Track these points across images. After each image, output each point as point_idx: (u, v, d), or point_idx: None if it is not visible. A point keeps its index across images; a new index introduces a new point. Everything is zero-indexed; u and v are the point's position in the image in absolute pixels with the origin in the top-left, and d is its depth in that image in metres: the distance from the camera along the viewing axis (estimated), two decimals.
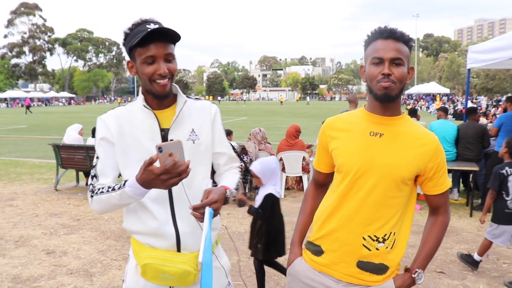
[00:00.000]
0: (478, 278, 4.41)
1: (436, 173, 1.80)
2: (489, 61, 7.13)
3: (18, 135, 20.78)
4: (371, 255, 1.77)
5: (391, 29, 1.72)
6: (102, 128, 1.83)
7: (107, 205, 1.74)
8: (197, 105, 1.92)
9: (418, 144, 1.76)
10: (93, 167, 1.84)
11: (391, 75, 1.68)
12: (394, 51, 1.69)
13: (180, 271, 1.75)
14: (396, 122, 1.79)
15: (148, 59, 1.71)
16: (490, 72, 57.43)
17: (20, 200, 7.56)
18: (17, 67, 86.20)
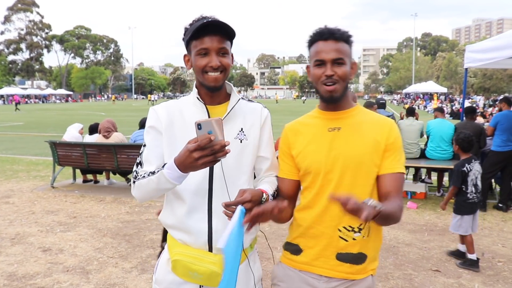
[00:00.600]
0: (474, 276, 4.43)
1: (388, 152, 1.81)
2: (486, 61, 7.14)
3: (15, 132, 20.73)
4: (348, 246, 1.80)
5: (330, 30, 1.78)
6: (153, 117, 1.86)
7: (146, 190, 1.74)
8: (249, 106, 1.94)
9: (374, 129, 1.83)
10: (140, 154, 1.86)
11: (334, 75, 1.75)
12: (335, 51, 1.75)
13: (209, 272, 1.75)
14: (350, 114, 1.87)
15: (202, 51, 1.75)
16: (487, 72, 57.53)
17: (17, 198, 7.55)
18: (14, 64, 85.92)
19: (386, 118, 1.88)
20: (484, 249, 5.21)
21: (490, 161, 7.02)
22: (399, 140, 1.84)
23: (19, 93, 73.54)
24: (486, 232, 5.86)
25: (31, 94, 77.68)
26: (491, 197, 7.59)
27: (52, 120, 28.69)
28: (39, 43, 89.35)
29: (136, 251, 5.04)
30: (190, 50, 1.82)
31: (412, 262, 4.78)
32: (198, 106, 1.84)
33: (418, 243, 5.37)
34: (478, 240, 5.50)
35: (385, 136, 1.80)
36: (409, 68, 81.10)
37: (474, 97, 46.23)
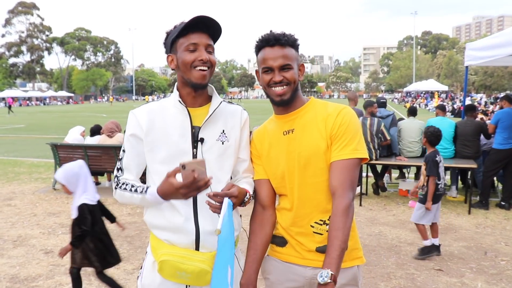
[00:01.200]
0: (477, 275, 4.42)
1: (334, 141, 1.82)
2: (487, 58, 7.13)
3: (16, 134, 20.77)
4: (324, 239, 1.83)
5: (276, 36, 1.82)
6: (133, 124, 1.88)
7: (129, 201, 1.85)
8: (230, 108, 1.96)
9: (321, 123, 1.85)
10: (119, 159, 1.91)
11: (283, 80, 1.80)
12: (282, 58, 1.81)
13: (198, 270, 1.77)
14: (301, 112, 1.90)
15: (190, 46, 1.78)
16: (488, 69, 57.45)
17: (18, 200, 7.55)
18: (15, 67, 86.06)
19: (334, 108, 1.87)
20: (487, 247, 5.19)
21: (492, 159, 7.01)
22: (346, 126, 1.81)
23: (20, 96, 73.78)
24: (488, 230, 5.84)
25: (32, 96, 77.84)
26: (494, 195, 7.58)
27: (54, 122, 28.73)
28: (40, 46, 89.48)
29: (138, 252, 5.04)
30: (175, 49, 1.83)
31: (414, 262, 4.77)
32: (179, 109, 1.85)
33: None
34: (480, 238, 5.49)
35: (329, 127, 1.82)
36: (410, 67, 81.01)
37: (475, 95, 46.17)
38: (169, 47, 1.86)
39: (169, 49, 1.86)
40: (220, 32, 1.85)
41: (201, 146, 1.84)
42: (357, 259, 1.91)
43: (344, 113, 1.83)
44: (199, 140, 1.83)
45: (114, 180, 1.90)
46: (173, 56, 1.85)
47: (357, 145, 1.81)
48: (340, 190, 1.77)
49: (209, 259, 1.78)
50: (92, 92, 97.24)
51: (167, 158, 1.79)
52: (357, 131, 1.83)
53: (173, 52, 1.84)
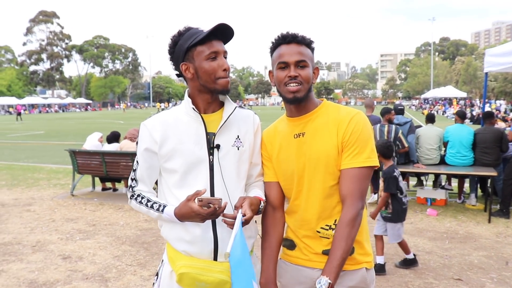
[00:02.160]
0: (497, 286, 4.32)
1: (345, 148, 1.80)
2: (507, 65, 7.03)
3: (36, 141, 21.11)
4: (331, 242, 1.82)
5: (293, 34, 1.83)
6: (146, 137, 1.87)
7: (146, 214, 1.90)
8: (242, 113, 1.96)
9: (334, 128, 1.82)
10: (133, 170, 1.92)
11: (298, 77, 1.78)
12: (298, 54, 1.80)
13: (217, 281, 1.77)
14: (313, 116, 1.88)
15: (212, 54, 1.77)
16: (508, 76, 56.53)
17: (37, 206, 7.66)
18: (35, 74, 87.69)
19: (347, 113, 1.85)
20: (508, 257, 5.08)
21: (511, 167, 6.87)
22: (359, 133, 1.79)
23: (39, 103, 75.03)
24: (510, 240, 5.72)
25: (52, 103, 79.13)
26: None
27: (72, 129, 29.14)
28: (60, 53, 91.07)
29: (155, 259, 5.06)
30: (191, 58, 1.80)
31: (433, 271, 4.69)
32: (192, 116, 1.84)
33: (438, 251, 5.28)
34: (501, 248, 5.38)
35: (341, 133, 1.80)
36: (427, 73, 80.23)
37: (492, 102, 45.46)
38: (182, 55, 1.81)
39: (183, 58, 1.82)
40: (232, 36, 1.85)
41: (217, 153, 1.83)
42: (367, 263, 1.90)
43: (356, 119, 1.82)
44: (215, 147, 1.82)
45: (129, 190, 1.93)
46: (189, 64, 1.81)
47: (370, 153, 1.80)
48: (349, 199, 1.77)
49: (228, 269, 1.77)
50: (110, 99, 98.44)
51: (183, 166, 1.79)
52: (369, 138, 1.81)
53: (188, 60, 1.81)
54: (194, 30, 1.79)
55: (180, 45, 1.81)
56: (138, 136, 1.93)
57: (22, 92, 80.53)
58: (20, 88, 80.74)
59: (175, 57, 1.85)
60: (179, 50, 1.82)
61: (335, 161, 1.81)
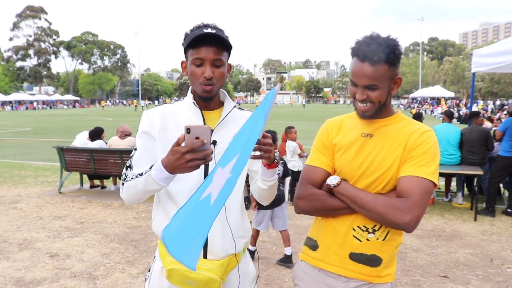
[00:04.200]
0: (483, 282, 4.39)
1: (409, 158, 1.73)
2: (494, 65, 7.11)
3: (23, 137, 20.87)
4: (362, 246, 1.78)
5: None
6: (146, 122, 1.87)
7: (134, 191, 1.75)
8: (241, 113, 1.96)
9: (403, 138, 1.76)
10: (130, 157, 1.87)
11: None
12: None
13: (205, 279, 1.76)
14: (387, 122, 1.82)
15: (197, 61, 1.77)
16: (495, 76, 57.26)
17: (24, 203, 7.59)
18: (22, 70, 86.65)
19: (421, 127, 1.79)
20: (493, 255, 5.16)
21: (498, 166, 6.97)
22: (427, 147, 1.72)
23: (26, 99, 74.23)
24: (494, 237, 5.81)
25: (39, 100, 78.30)
26: (500, 202, 7.53)
27: (60, 126, 28.87)
28: (47, 49, 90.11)
29: (143, 256, 5.04)
30: (187, 58, 1.83)
31: (420, 268, 4.74)
32: (193, 111, 1.87)
33: (426, 249, 5.34)
34: (486, 245, 5.46)
35: (410, 143, 1.74)
36: (416, 73, 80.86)
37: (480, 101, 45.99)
38: (184, 53, 1.86)
39: (184, 55, 1.87)
40: (229, 45, 1.81)
41: (214, 149, 1.83)
42: (391, 276, 1.84)
43: (428, 135, 1.75)
44: (212, 143, 1.83)
45: (122, 179, 1.85)
46: (186, 63, 1.86)
47: (435, 170, 1.72)
48: (404, 194, 1.68)
49: (217, 267, 1.78)
50: (99, 96, 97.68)
51: None
52: (437, 156, 1.74)
53: (186, 59, 1.86)
54: (198, 31, 1.77)
55: (184, 43, 1.83)
56: (128, 133, 1.91)
57: (9, 88, 79.57)
58: (7, 84, 79.80)
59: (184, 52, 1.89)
60: (184, 48, 1.85)
61: (394, 170, 1.74)
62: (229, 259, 1.84)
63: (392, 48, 1.69)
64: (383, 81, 1.70)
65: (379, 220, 1.70)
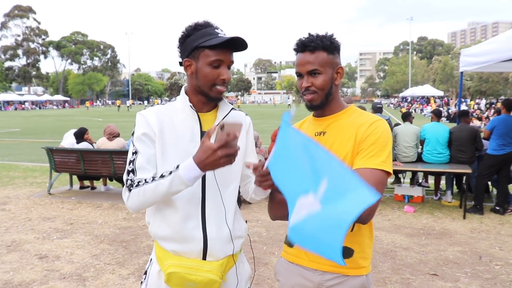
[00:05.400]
0: (471, 280, 4.43)
1: (361, 150, 1.76)
2: (482, 64, 7.17)
3: (12, 138, 20.68)
4: None
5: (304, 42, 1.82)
6: (144, 124, 1.79)
7: (152, 196, 1.67)
8: (234, 114, 1.94)
9: (354, 130, 1.80)
10: (130, 162, 1.78)
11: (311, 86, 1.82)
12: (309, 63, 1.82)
13: (206, 280, 1.76)
14: (337, 117, 1.88)
15: (216, 62, 1.74)
16: (483, 75, 57.78)
17: (13, 204, 7.52)
18: (10, 70, 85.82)
19: (370, 118, 1.83)
20: (481, 252, 5.21)
21: (485, 164, 7.04)
22: (375, 137, 1.76)
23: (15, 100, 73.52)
24: (483, 235, 5.86)
25: (28, 100, 77.60)
26: (488, 200, 7.61)
27: (49, 126, 28.64)
28: (36, 49, 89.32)
29: (133, 257, 5.02)
30: (196, 57, 1.77)
31: (410, 266, 4.78)
32: (189, 114, 1.83)
33: (415, 247, 5.37)
34: (475, 243, 5.51)
35: (360, 135, 1.78)
36: (406, 72, 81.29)
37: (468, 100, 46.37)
38: (189, 50, 1.78)
39: (188, 53, 1.79)
40: (244, 49, 1.81)
41: None
42: (364, 268, 1.87)
43: (377, 124, 1.79)
44: None
45: (126, 185, 1.73)
46: (191, 62, 1.79)
47: (386, 159, 1.74)
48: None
49: (217, 268, 1.78)
50: (89, 96, 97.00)
51: (176, 162, 1.68)
52: (387, 144, 1.77)
53: (192, 57, 1.78)
54: (210, 30, 1.74)
55: (191, 40, 1.76)
56: (116, 134, 1.88)
57: None
58: None
59: (183, 49, 1.81)
60: (188, 45, 1.78)
61: (350, 163, 1.78)
62: (227, 259, 1.84)
63: (328, 37, 1.81)
64: (324, 67, 1.79)
65: None
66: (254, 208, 7.23)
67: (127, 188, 1.73)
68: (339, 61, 1.85)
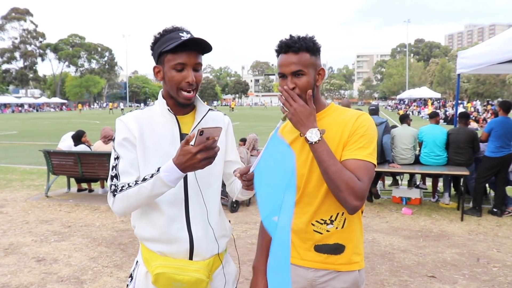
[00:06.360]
0: (469, 282, 4.43)
1: (348, 143, 1.79)
2: (478, 66, 7.20)
3: (9, 141, 20.63)
4: (324, 238, 1.86)
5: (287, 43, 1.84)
6: (123, 129, 1.81)
7: (135, 199, 1.69)
8: (212, 115, 1.96)
9: (339, 128, 1.83)
10: (113, 167, 1.79)
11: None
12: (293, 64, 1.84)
13: (193, 279, 1.77)
14: (320, 116, 1.89)
15: (178, 66, 1.75)
16: (480, 77, 57.99)
17: (10, 207, 7.50)
18: (7, 73, 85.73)
19: (354, 113, 1.86)
20: (479, 254, 5.22)
21: (484, 166, 7.06)
22: (365, 129, 1.79)
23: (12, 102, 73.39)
24: (481, 237, 5.87)
25: (25, 102, 77.47)
26: (486, 202, 7.63)
27: (47, 129, 28.59)
28: (33, 52, 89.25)
29: (131, 260, 5.01)
30: (162, 62, 1.79)
31: (408, 268, 4.78)
32: (167, 117, 1.85)
33: (413, 249, 5.38)
34: (473, 245, 5.52)
35: (347, 129, 1.80)
36: (403, 74, 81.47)
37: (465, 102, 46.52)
38: (156, 57, 1.82)
39: (157, 60, 1.82)
40: (210, 49, 1.81)
41: None
42: (358, 264, 1.90)
43: (363, 118, 1.83)
44: None
45: (111, 190, 1.75)
46: (160, 68, 1.82)
47: (372, 151, 1.79)
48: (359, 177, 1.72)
49: (204, 267, 1.80)
50: (86, 98, 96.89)
51: (157, 165, 1.70)
52: (373, 138, 1.81)
53: (160, 64, 1.81)
54: (173, 35, 1.76)
55: (157, 46, 1.80)
56: (111, 137, 1.88)
57: None
58: None
59: (153, 56, 1.85)
60: (155, 51, 1.81)
61: (338, 158, 1.79)
62: (213, 258, 1.87)
63: (310, 39, 1.83)
64: (307, 67, 1.80)
65: (332, 189, 1.74)
66: (251, 210, 7.23)
67: (111, 193, 1.75)
68: (320, 63, 1.88)
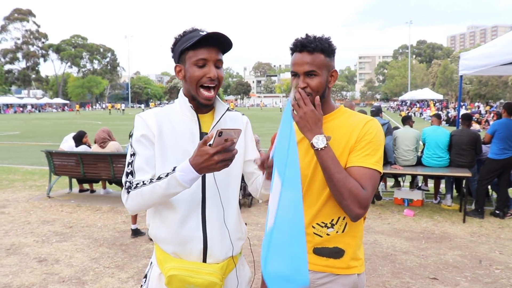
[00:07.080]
0: (471, 284, 4.42)
1: (354, 149, 1.79)
2: (480, 68, 7.18)
3: (11, 141, 20.66)
4: (324, 241, 1.86)
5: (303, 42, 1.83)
6: (142, 126, 1.80)
7: (149, 198, 1.68)
8: (231, 114, 1.96)
9: (346, 132, 1.82)
10: (128, 164, 1.78)
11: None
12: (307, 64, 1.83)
13: (207, 282, 1.75)
14: (329, 118, 1.88)
15: (200, 61, 1.75)
16: (483, 79, 57.90)
17: (12, 208, 7.50)
18: (10, 73, 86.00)
19: (363, 118, 1.85)
20: (481, 256, 5.20)
21: (486, 168, 7.04)
22: (372, 136, 1.79)
23: (14, 103, 73.55)
24: (483, 239, 5.86)
25: (27, 103, 77.64)
26: (488, 204, 7.60)
27: (49, 130, 28.64)
28: (36, 53, 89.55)
29: (133, 261, 5.01)
30: (183, 60, 1.80)
31: (410, 270, 4.77)
32: (188, 115, 1.84)
33: (415, 251, 5.36)
34: (475, 247, 5.50)
35: (355, 134, 1.80)
36: (405, 75, 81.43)
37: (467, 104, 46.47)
38: (177, 56, 1.82)
39: (177, 59, 1.83)
40: (231, 46, 1.82)
41: None
42: (357, 268, 1.89)
43: (371, 124, 1.82)
44: None
45: (125, 187, 1.74)
46: (181, 67, 1.82)
47: (379, 159, 1.78)
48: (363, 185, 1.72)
49: (217, 271, 1.78)
50: (88, 99, 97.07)
51: (175, 163, 1.68)
52: (380, 145, 1.80)
53: (181, 62, 1.81)
54: (194, 34, 1.77)
55: (178, 46, 1.80)
56: (108, 139, 1.87)
57: None
58: None
59: (174, 57, 1.86)
60: (176, 51, 1.82)
61: (344, 161, 1.80)
62: (227, 261, 1.84)
63: (326, 40, 1.82)
64: (321, 69, 1.80)
65: (336, 196, 1.74)
66: (253, 212, 7.22)
67: (125, 190, 1.74)
68: (334, 65, 1.87)
